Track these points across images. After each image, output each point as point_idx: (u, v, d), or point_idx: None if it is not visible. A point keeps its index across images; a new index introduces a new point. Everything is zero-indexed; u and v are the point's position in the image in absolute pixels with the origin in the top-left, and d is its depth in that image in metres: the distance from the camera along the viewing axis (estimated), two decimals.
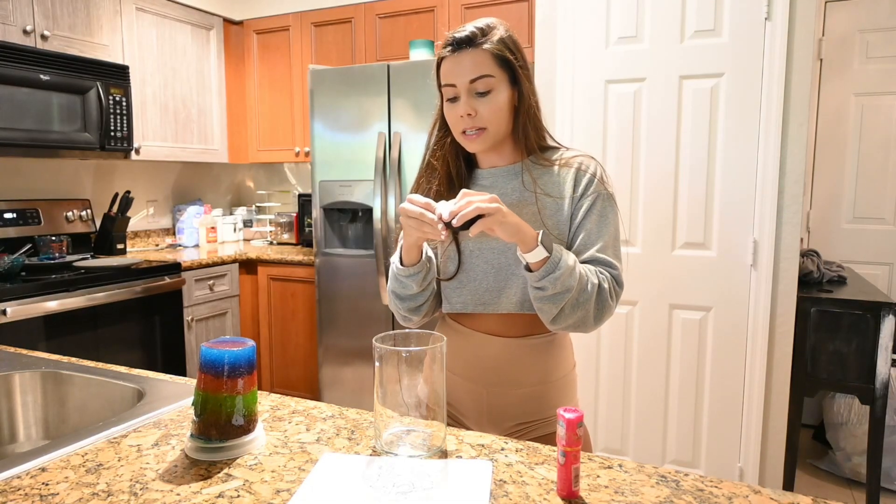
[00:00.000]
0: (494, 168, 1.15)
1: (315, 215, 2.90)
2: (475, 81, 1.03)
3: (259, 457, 0.87)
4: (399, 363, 0.87)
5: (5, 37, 2.40)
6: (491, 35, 1.04)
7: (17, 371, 1.22)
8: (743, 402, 2.26)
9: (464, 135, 1.07)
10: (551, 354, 1.13)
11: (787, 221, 2.15)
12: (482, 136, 1.06)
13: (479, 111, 1.04)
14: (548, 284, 0.98)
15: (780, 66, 2.09)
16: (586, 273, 1.01)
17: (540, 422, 1.14)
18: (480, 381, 1.13)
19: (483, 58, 1.03)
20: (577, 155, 1.13)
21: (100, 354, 2.46)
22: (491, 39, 1.03)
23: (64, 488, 0.78)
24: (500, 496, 0.76)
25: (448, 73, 1.05)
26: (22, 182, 2.84)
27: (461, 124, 1.06)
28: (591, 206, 1.08)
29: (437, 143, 1.16)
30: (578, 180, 1.09)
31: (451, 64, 1.04)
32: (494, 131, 1.07)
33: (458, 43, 1.04)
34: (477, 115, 1.04)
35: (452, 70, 1.04)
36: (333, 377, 2.93)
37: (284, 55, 3.42)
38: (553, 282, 0.98)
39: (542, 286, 0.99)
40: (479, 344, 1.13)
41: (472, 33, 1.03)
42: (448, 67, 1.05)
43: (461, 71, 1.03)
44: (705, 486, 0.78)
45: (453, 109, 1.06)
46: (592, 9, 2.33)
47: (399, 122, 2.66)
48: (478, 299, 1.12)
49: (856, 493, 2.49)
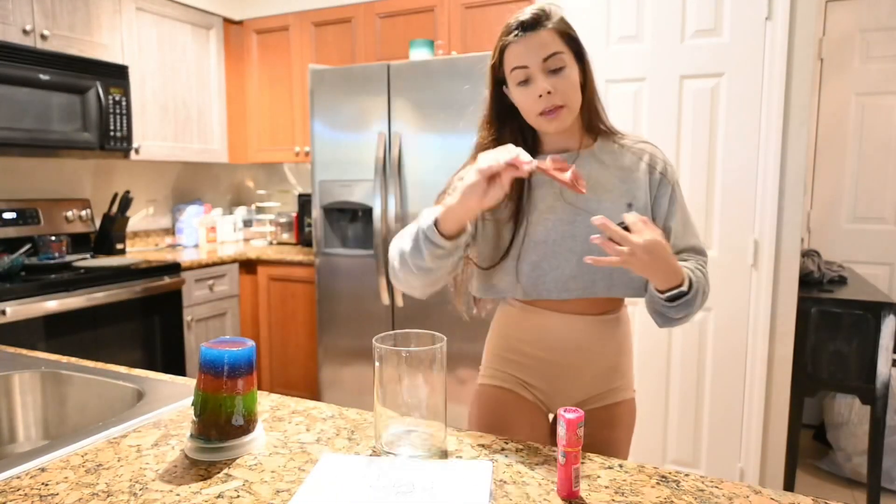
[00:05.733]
0: (566, 152, 1.13)
1: (315, 215, 2.89)
2: (548, 59, 1.04)
3: (259, 457, 0.86)
4: (399, 363, 0.87)
5: (5, 37, 2.39)
6: (553, 15, 1.06)
7: (16, 371, 1.22)
8: (743, 402, 2.25)
9: (541, 116, 1.06)
10: (623, 328, 1.19)
11: (788, 221, 2.15)
12: (561, 113, 1.06)
13: (556, 88, 1.04)
14: (680, 313, 1.03)
15: (780, 66, 2.09)
16: (704, 284, 1.05)
17: (608, 392, 1.19)
18: (556, 357, 1.15)
19: (551, 36, 1.05)
20: (643, 140, 1.17)
21: (99, 354, 2.45)
22: (553, 19, 1.06)
23: (64, 488, 0.78)
24: (500, 496, 0.75)
25: (518, 55, 1.05)
26: (22, 182, 2.84)
27: (539, 105, 1.05)
28: (673, 195, 1.12)
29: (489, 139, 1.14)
30: (654, 167, 1.13)
31: (521, 47, 1.05)
32: (572, 108, 1.07)
33: (526, 26, 1.05)
34: (555, 92, 1.04)
35: (524, 52, 1.04)
36: (333, 377, 2.93)
37: (284, 55, 3.42)
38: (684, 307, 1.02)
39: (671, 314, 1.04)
40: (555, 322, 1.14)
41: (536, 15, 1.05)
42: (518, 51, 1.05)
43: (533, 51, 1.04)
44: (706, 487, 0.78)
45: (527, 91, 1.06)
46: (592, 9, 2.33)
47: (399, 122, 2.65)
48: (562, 286, 1.11)
49: (856, 493, 2.49)
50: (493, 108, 1.14)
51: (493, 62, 1.10)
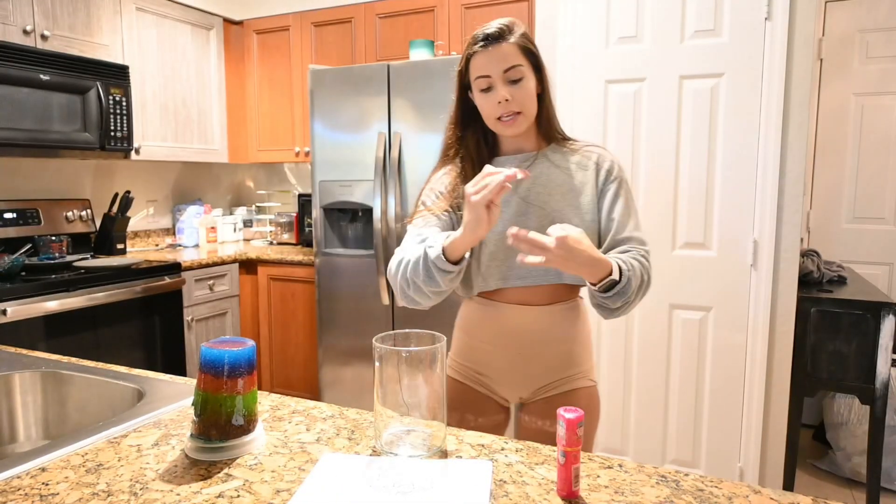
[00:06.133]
0: (521, 153, 1.24)
1: (315, 215, 2.90)
2: (508, 71, 1.14)
3: (259, 457, 0.87)
4: (399, 363, 0.87)
5: (5, 37, 2.40)
6: (515, 30, 1.16)
7: (17, 371, 1.22)
8: (743, 401, 2.26)
9: (499, 121, 1.17)
10: (576, 317, 1.26)
11: (787, 221, 2.15)
12: (517, 119, 1.17)
13: (514, 96, 1.15)
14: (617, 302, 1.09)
15: (780, 66, 2.09)
16: (640, 273, 1.11)
17: (563, 379, 1.26)
18: (513, 347, 1.23)
19: (513, 50, 1.15)
20: (592, 144, 1.27)
21: (100, 354, 2.46)
22: (516, 34, 1.16)
23: (64, 488, 0.78)
24: (500, 496, 0.76)
25: (482, 65, 1.15)
26: (22, 182, 2.84)
27: (498, 110, 1.16)
28: (618, 190, 1.21)
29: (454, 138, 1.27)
30: (600, 166, 1.22)
31: (484, 58, 1.15)
32: (528, 115, 1.18)
33: (490, 38, 1.15)
34: (512, 100, 1.15)
35: (487, 63, 1.15)
36: (333, 377, 2.93)
37: (284, 55, 3.42)
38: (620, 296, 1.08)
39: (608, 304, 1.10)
40: (512, 315, 1.22)
41: (501, 29, 1.15)
42: (481, 61, 1.15)
43: (495, 62, 1.14)
44: (705, 486, 0.78)
45: (488, 98, 1.17)
46: (592, 9, 2.33)
47: (399, 122, 2.66)
48: (516, 275, 1.20)
49: (856, 493, 2.49)
50: (458, 110, 1.25)
51: (460, 69, 1.21)
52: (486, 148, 1.25)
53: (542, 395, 1.26)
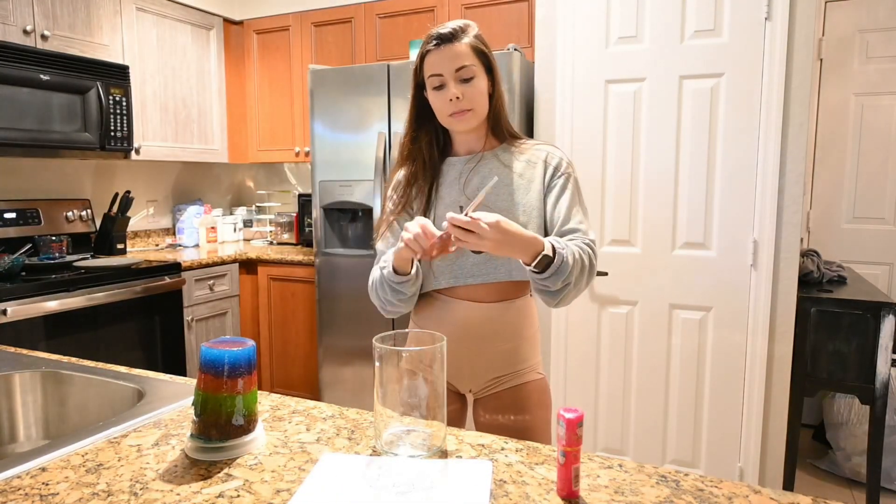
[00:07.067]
0: (471, 154, 1.29)
1: (315, 215, 2.90)
2: (460, 70, 1.19)
3: (259, 457, 0.87)
4: (399, 363, 0.87)
5: (5, 37, 2.40)
6: (468, 32, 1.21)
7: (17, 371, 1.22)
8: (743, 401, 2.26)
9: (451, 117, 1.22)
10: (523, 315, 1.30)
11: (787, 221, 2.15)
12: (468, 116, 1.21)
13: (465, 94, 1.20)
14: (556, 283, 1.11)
15: (780, 66, 2.09)
16: (579, 256, 1.13)
17: (512, 374, 1.30)
18: (464, 342, 1.26)
19: (465, 50, 1.20)
20: (543, 143, 1.32)
21: (100, 354, 2.46)
22: (469, 35, 1.21)
23: (64, 488, 0.78)
24: (500, 496, 0.76)
25: (435, 64, 1.20)
26: (22, 182, 2.84)
27: (450, 108, 1.21)
28: (565, 185, 1.25)
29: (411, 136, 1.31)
30: (549, 164, 1.27)
31: (437, 57, 1.20)
32: (479, 112, 1.23)
33: (443, 38, 1.19)
34: (463, 98, 1.20)
35: (439, 61, 1.19)
36: (333, 377, 2.93)
37: (284, 55, 3.42)
38: (557, 276, 1.10)
39: (548, 285, 1.12)
40: (463, 311, 1.26)
41: (454, 30, 1.20)
42: (434, 60, 1.20)
43: (447, 61, 1.19)
44: (705, 486, 0.78)
45: (441, 96, 1.21)
46: (592, 9, 2.33)
47: (399, 122, 2.66)
48: (467, 272, 1.25)
49: (856, 493, 2.49)
50: (413, 108, 1.30)
51: (415, 67, 1.25)
52: (437, 149, 1.30)
53: (492, 389, 1.30)
